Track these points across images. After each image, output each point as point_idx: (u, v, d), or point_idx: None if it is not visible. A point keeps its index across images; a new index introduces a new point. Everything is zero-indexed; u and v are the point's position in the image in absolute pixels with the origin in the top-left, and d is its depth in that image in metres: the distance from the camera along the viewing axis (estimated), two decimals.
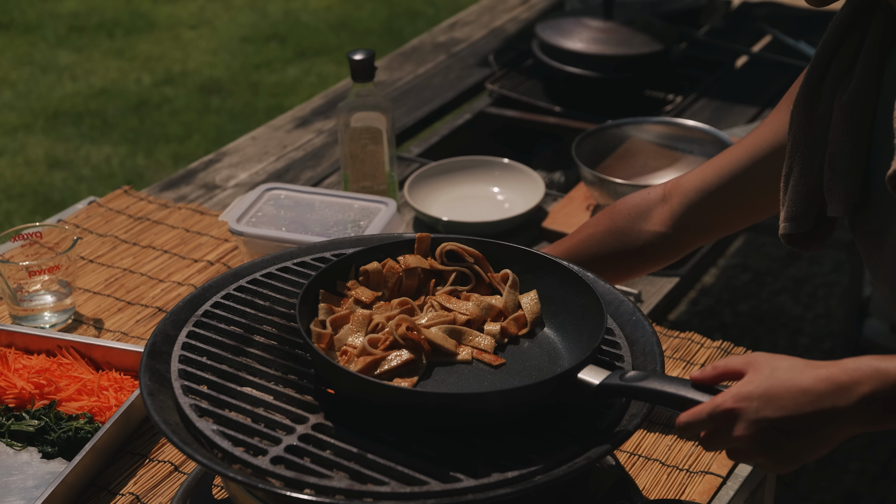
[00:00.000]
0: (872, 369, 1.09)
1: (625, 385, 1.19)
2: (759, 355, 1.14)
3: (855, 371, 1.10)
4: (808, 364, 1.12)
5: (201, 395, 1.24)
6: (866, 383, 1.09)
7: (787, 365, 1.12)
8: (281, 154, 2.41)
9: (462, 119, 2.60)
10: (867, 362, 1.10)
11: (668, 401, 1.17)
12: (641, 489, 1.46)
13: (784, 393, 1.10)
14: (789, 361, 1.12)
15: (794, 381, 1.10)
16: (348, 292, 1.38)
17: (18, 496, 1.43)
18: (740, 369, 1.14)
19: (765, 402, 1.10)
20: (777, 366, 1.12)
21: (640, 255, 1.54)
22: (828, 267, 3.79)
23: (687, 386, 1.16)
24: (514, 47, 2.87)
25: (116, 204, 2.16)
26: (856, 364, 1.10)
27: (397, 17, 5.52)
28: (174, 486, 1.49)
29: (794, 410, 1.10)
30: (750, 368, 1.13)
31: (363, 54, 2.01)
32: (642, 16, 2.63)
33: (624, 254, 1.54)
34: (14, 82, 4.97)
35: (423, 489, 1.12)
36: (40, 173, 4.31)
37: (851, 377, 1.09)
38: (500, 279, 1.41)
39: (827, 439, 1.11)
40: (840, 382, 1.09)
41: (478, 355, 1.32)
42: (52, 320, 1.79)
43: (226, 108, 4.75)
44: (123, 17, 5.58)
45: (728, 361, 1.15)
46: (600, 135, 2.18)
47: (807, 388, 1.10)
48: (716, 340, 1.75)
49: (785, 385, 1.10)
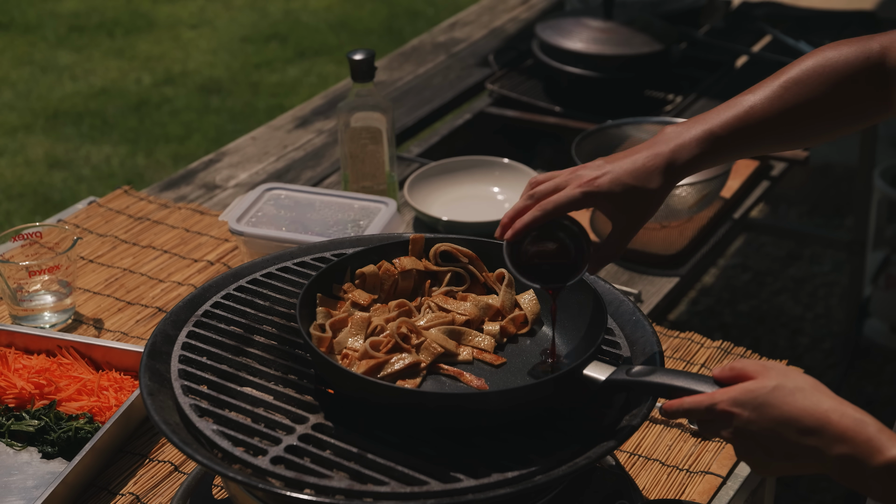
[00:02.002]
0: (865, 437, 1.06)
1: (632, 380, 1.19)
2: (775, 365, 1.14)
3: (850, 426, 1.06)
4: (815, 389, 1.10)
5: (201, 395, 1.24)
6: (849, 444, 1.06)
7: (793, 386, 1.10)
8: (281, 154, 2.41)
9: (462, 119, 2.60)
10: (867, 428, 1.06)
11: (676, 395, 1.17)
12: (641, 489, 1.46)
13: (776, 414, 1.09)
14: (799, 381, 1.10)
15: (790, 404, 1.09)
16: (345, 295, 1.38)
17: (18, 496, 1.43)
18: (753, 374, 1.13)
19: (756, 416, 1.10)
20: (783, 384, 1.10)
21: (852, 115, 1.38)
22: (828, 267, 3.79)
23: (694, 379, 1.16)
24: (514, 47, 2.87)
25: (116, 204, 2.16)
26: (854, 419, 1.07)
27: (397, 17, 5.52)
28: (174, 486, 1.49)
29: (778, 434, 1.09)
30: (760, 375, 1.12)
31: (363, 54, 2.01)
32: (642, 16, 2.63)
33: (835, 111, 1.37)
34: (14, 82, 4.97)
35: (423, 489, 1.12)
36: (40, 173, 4.31)
37: (842, 430, 1.06)
38: (496, 278, 1.41)
39: (805, 468, 1.11)
40: (829, 431, 1.07)
41: (478, 355, 1.33)
42: (52, 320, 1.79)
43: (226, 108, 4.75)
44: (123, 17, 5.58)
45: (745, 364, 1.14)
46: (600, 135, 2.18)
47: (797, 418, 1.08)
48: (716, 340, 1.75)
49: (780, 406, 1.09)
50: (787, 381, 1.10)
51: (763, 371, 1.12)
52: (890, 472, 1.04)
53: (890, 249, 3.45)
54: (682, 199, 1.99)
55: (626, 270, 1.98)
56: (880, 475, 1.04)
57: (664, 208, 2.00)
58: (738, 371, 1.14)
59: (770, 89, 1.33)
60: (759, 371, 1.13)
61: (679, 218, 2.04)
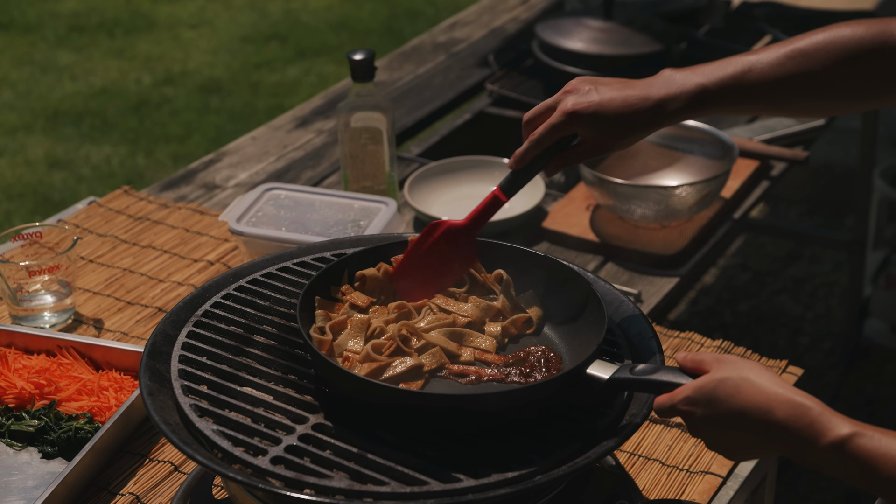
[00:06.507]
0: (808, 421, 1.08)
1: (636, 378, 1.20)
2: (727, 358, 1.15)
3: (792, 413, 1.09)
4: (760, 379, 1.11)
5: (201, 395, 1.24)
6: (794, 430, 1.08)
7: (738, 378, 1.11)
8: (281, 154, 2.41)
9: (462, 119, 2.60)
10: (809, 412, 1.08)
11: None
12: (641, 489, 1.46)
13: (724, 408, 1.11)
14: (745, 373, 1.12)
15: (734, 397, 1.11)
16: (343, 297, 1.38)
17: (18, 496, 1.43)
18: (707, 367, 1.15)
19: (707, 412, 1.12)
20: (729, 377, 1.12)
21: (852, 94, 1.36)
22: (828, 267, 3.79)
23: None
24: (514, 47, 2.87)
25: (116, 204, 2.16)
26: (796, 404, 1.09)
27: (397, 17, 5.52)
28: (174, 486, 1.49)
29: (729, 427, 1.12)
30: (712, 369, 1.14)
31: (363, 54, 2.00)
32: (642, 16, 2.63)
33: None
34: (14, 82, 4.97)
35: (423, 489, 1.12)
36: (40, 173, 4.31)
37: (785, 417, 1.08)
38: (494, 279, 1.41)
39: (768, 452, 1.13)
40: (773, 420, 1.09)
41: (480, 356, 1.32)
42: (52, 320, 1.79)
43: (226, 108, 4.75)
44: (123, 17, 5.58)
45: (703, 357, 1.16)
46: None
47: (742, 410, 1.10)
48: (716, 340, 1.75)
49: (727, 401, 1.11)
50: (734, 373, 1.12)
51: (715, 364, 1.14)
52: (837, 449, 1.06)
53: (890, 249, 3.45)
54: (682, 199, 1.99)
55: (626, 270, 1.98)
56: (828, 454, 1.07)
57: (664, 208, 2.00)
58: (698, 363, 1.16)
59: (774, 55, 1.33)
60: (711, 364, 1.15)
61: (679, 218, 2.04)
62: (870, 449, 1.05)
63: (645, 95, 1.32)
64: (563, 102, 1.34)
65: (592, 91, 1.33)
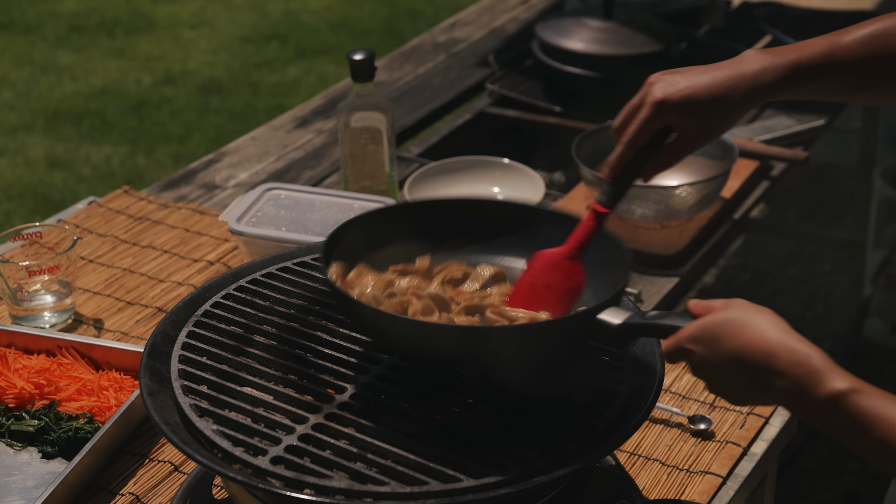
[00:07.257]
0: (809, 369, 1.06)
1: (647, 323, 1.19)
2: (736, 301, 1.14)
3: (795, 359, 1.07)
4: (766, 322, 1.09)
5: (201, 395, 1.24)
6: (793, 376, 1.06)
7: (744, 319, 1.09)
8: (281, 154, 2.41)
9: (462, 119, 2.60)
10: (812, 360, 1.07)
11: None
12: (641, 489, 1.46)
13: (725, 348, 1.09)
14: (752, 315, 1.10)
15: (737, 337, 1.09)
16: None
17: (18, 496, 1.43)
18: (715, 309, 1.13)
19: (709, 351, 1.10)
20: (735, 317, 1.10)
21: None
22: (828, 267, 3.79)
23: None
24: (514, 47, 2.87)
25: (116, 204, 2.16)
26: (800, 351, 1.07)
27: (397, 17, 5.52)
28: (174, 486, 1.49)
29: (728, 368, 1.09)
30: (719, 310, 1.12)
31: (363, 54, 2.01)
32: (642, 16, 2.63)
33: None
34: (14, 82, 4.97)
35: (423, 489, 1.12)
36: (40, 173, 4.31)
37: (786, 363, 1.06)
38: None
39: (770, 399, 1.10)
40: (774, 364, 1.07)
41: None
42: (52, 320, 1.79)
43: (226, 108, 4.75)
44: (123, 17, 5.58)
45: (713, 301, 1.15)
46: (600, 135, 2.17)
47: (743, 351, 1.08)
48: None
49: (729, 340, 1.09)
50: (740, 314, 1.10)
51: (723, 306, 1.13)
52: (832, 403, 1.04)
53: (890, 249, 3.45)
54: (682, 199, 1.99)
55: None
56: (823, 406, 1.05)
57: (664, 208, 2.00)
58: (707, 307, 1.14)
59: (859, 34, 1.32)
60: (719, 306, 1.13)
61: (679, 218, 2.04)
62: (866, 408, 1.03)
63: (738, 72, 1.29)
64: (649, 95, 1.30)
65: (678, 77, 1.29)
